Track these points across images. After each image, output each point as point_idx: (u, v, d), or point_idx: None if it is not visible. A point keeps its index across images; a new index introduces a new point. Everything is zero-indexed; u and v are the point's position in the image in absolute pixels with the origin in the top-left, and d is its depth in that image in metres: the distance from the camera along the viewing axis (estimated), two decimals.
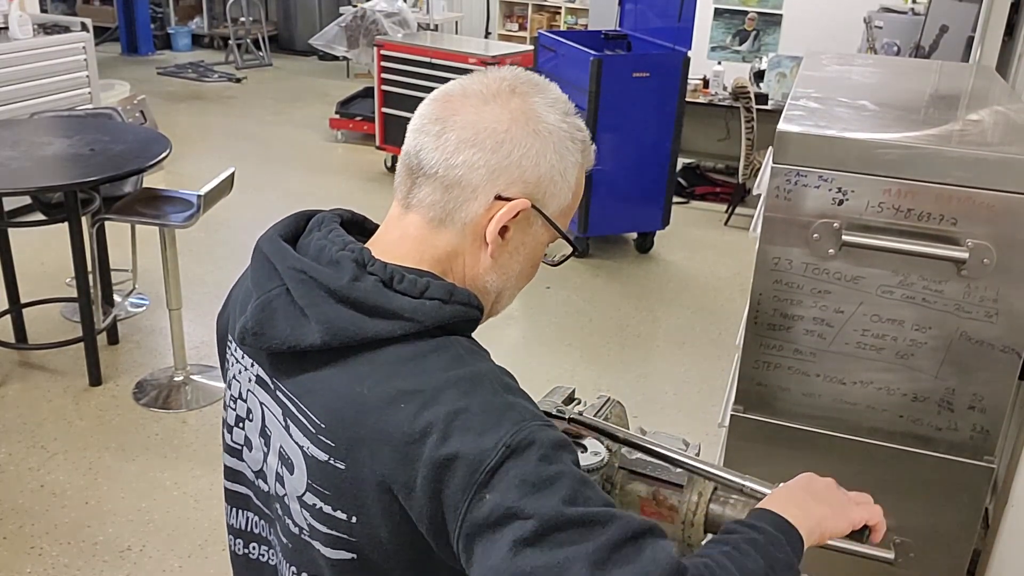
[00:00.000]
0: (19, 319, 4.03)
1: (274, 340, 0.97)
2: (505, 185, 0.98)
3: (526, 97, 1.00)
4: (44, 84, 5.22)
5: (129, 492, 3.16)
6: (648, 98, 5.03)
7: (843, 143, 1.81)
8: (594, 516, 0.84)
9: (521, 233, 1.02)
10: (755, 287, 1.95)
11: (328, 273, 0.96)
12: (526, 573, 0.81)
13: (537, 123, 0.99)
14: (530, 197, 0.99)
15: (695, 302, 4.85)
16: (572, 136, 1.02)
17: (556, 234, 1.04)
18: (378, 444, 0.90)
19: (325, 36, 7.53)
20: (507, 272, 1.04)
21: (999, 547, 2.17)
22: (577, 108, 1.07)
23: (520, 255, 1.04)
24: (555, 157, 1.00)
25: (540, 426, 0.89)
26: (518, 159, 0.98)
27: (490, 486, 0.85)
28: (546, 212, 1.01)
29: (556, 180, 1.00)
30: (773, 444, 2.05)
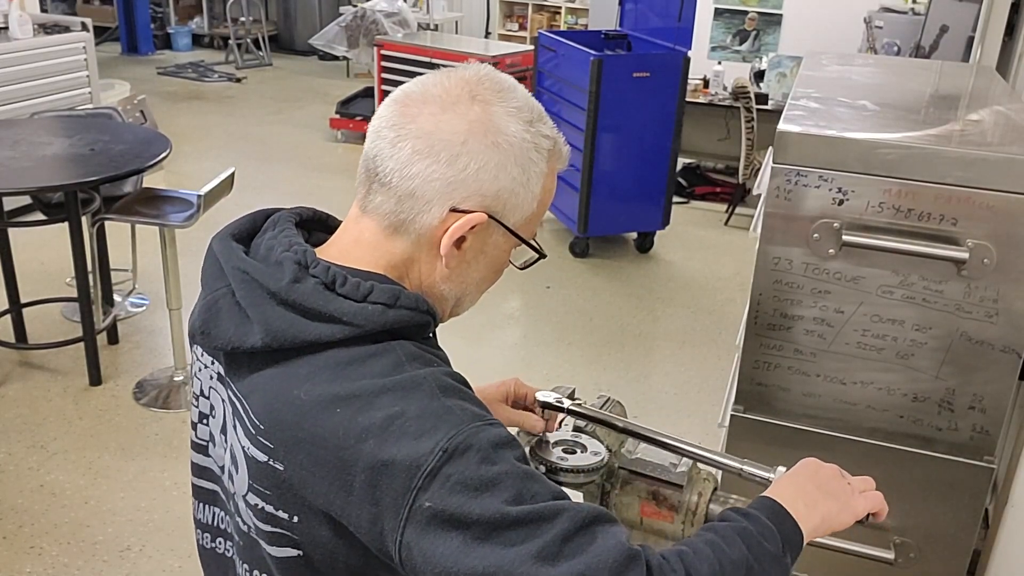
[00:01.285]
0: (19, 319, 4.03)
1: (219, 340, 0.97)
2: (461, 198, 0.96)
3: (487, 105, 0.96)
4: (44, 84, 5.22)
5: (129, 492, 3.16)
6: (648, 98, 5.03)
7: (843, 143, 1.81)
8: (540, 512, 0.84)
9: (480, 243, 1.00)
10: (755, 287, 1.95)
11: (270, 274, 0.95)
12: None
13: (497, 135, 0.96)
14: (488, 210, 0.97)
15: (695, 302, 4.85)
16: (537, 146, 0.98)
17: (518, 241, 1.02)
18: (315, 448, 0.89)
19: (325, 36, 7.54)
20: (464, 280, 1.03)
21: (999, 547, 2.17)
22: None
23: (480, 263, 1.02)
24: (516, 170, 0.97)
25: (479, 427, 0.88)
26: (475, 172, 0.95)
27: (429, 491, 0.84)
28: (507, 222, 0.99)
29: (517, 192, 0.98)
30: (773, 444, 2.05)
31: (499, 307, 4.67)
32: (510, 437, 0.90)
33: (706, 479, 1.31)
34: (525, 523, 0.84)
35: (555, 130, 1.02)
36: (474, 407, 0.91)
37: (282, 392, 0.93)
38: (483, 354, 4.16)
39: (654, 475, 1.29)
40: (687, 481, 1.28)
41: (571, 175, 5.21)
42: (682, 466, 1.29)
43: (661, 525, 1.29)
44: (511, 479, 0.85)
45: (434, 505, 0.84)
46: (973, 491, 1.95)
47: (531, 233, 1.03)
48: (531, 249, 1.04)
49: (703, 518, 1.28)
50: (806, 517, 1.05)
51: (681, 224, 5.77)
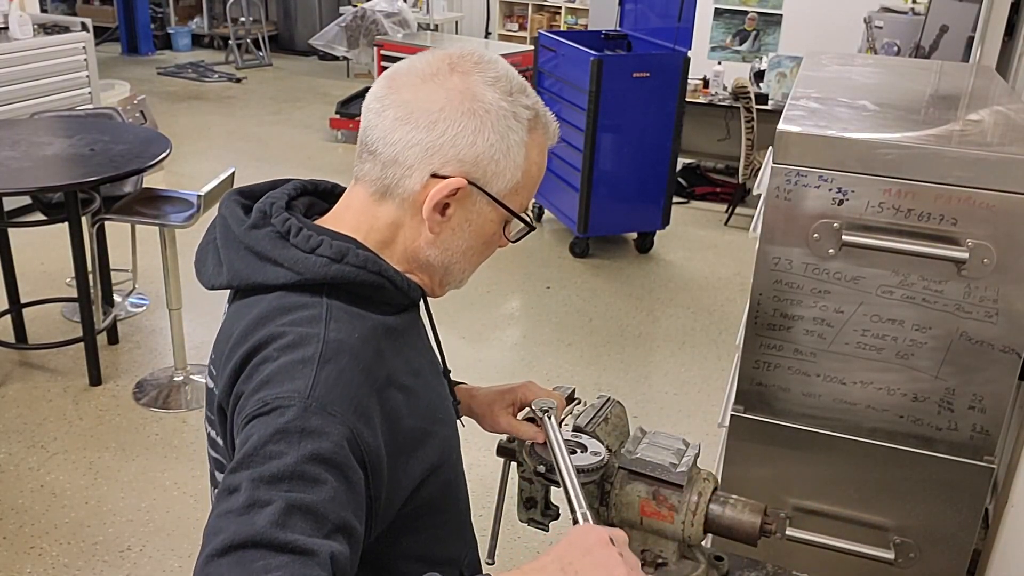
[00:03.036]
0: (19, 319, 4.03)
1: (203, 278, 1.08)
2: (440, 163, 1.00)
3: (465, 75, 1.01)
4: (44, 84, 5.22)
5: (129, 492, 3.16)
6: (648, 98, 5.03)
7: (843, 143, 1.81)
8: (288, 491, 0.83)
9: (464, 211, 1.04)
10: (755, 287, 1.95)
11: (240, 221, 1.04)
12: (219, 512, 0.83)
13: (473, 102, 1.00)
14: (467, 175, 1.01)
15: (695, 302, 4.85)
16: (515, 115, 1.02)
17: (506, 213, 1.05)
18: (230, 370, 0.98)
19: (325, 36, 7.54)
20: (450, 248, 1.06)
21: (999, 547, 2.17)
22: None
23: (465, 232, 1.05)
24: (494, 136, 1.01)
25: (314, 410, 0.89)
26: (452, 138, 0.99)
27: (244, 430, 0.90)
28: (489, 190, 1.03)
29: (497, 159, 1.01)
30: (773, 444, 2.05)
31: (499, 307, 4.67)
32: (322, 434, 0.87)
33: (706, 479, 1.31)
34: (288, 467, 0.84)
35: (539, 104, 1.07)
36: (339, 387, 0.92)
37: (229, 327, 1.03)
38: (483, 354, 4.16)
39: (654, 475, 1.29)
40: (687, 481, 1.28)
41: (571, 175, 5.21)
42: (682, 466, 1.29)
43: (661, 525, 1.29)
44: (280, 465, 0.84)
45: (239, 441, 0.90)
46: (973, 491, 1.95)
47: (520, 206, 1.06)
48: (518, 219, 1.07)
49: (703, 518, 1.27)
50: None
51: (681, 224, 5.77)
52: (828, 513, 2.07)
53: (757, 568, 1.46)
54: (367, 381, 0.95)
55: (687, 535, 1.28)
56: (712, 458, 2.27)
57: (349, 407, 0.91)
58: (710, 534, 1.30)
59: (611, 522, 1.34)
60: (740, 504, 1.28)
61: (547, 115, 1.08)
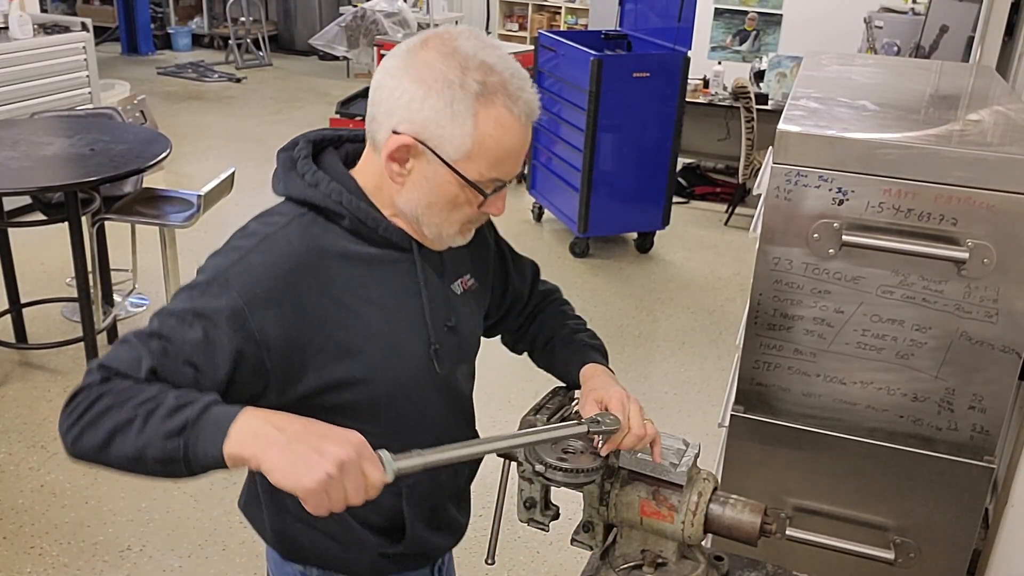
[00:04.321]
0: (19, 319, 4.03)
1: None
2: (398, 122, 1.17)
3: (427, 50, 1.17)
4: (44, 84, 5.22)
5: (129, 492, 3.16)
6: (648, 98, 5.03)
7: (843, 143, 1.81)
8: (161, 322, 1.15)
9: (422, 167, 1.20)
10: (755, 287, 1.95)
11: (282, 148, 1.32)
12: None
13: (426, 71, 1.15)
14: (417, 135, 1.17)
15: (695, 302, 4.85)
16: (462, 84, 1.14)
17: (460, 178, 1.18)
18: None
19: (325, 36, 7.54)
20: (413, 200, 1.23)
21: (999, 547, 2.17)
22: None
23: (425, 188, 1.21)
24: (440, 103, 1.15)
25: (219, 282, 1.15)
26: (406, 102, 1.16)
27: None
28: (440, 152, 1.17)
29: (443, 124, 1.15)
30: (773, 444, 2.05)
31: None
32: (211, 299, 1.14)
33: (706, 479, 1.31)
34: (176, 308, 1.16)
35: (497, 81, 1.16)
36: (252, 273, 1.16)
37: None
38: (482, 353, 4.15)
39: (654, 475, 1.29)
40: (687, 481, 1.28)
41: (571, 175, 5.21)
42: (682, 466, 1.29)
43: (661, 525, 1.29)
44: (171, 306, 1.16)
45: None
46: (973, 491, 1.95)
47: (478, 173, 1.19)
48: (471, 185, 1.19)
49: (703, 518, 1.27)
50: (241, 443, 1.04)
51: (681, 224, 5.77)
52: (828, 513, 2.07)
53: (757, 568, 1.46)
54: (286, 278, 1.17)
55: (687, 535, 1.28)
56: (712, 458, 2.27)
57: (252, 291, 1.15)
58: (710, 534, 1.30)
59: (611, 522, 1.35)
60: (740, 504, 1.28)
61: (508, 92, 1.16)
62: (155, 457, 1.06)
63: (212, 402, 1.08)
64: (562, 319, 1.55)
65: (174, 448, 1.05)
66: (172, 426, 1.05)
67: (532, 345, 1.57)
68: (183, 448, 1.05)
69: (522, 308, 1.57)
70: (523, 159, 1.25)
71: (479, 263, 1.45)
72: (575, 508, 1.40)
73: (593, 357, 1.44)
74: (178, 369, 1.12)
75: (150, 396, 1.08)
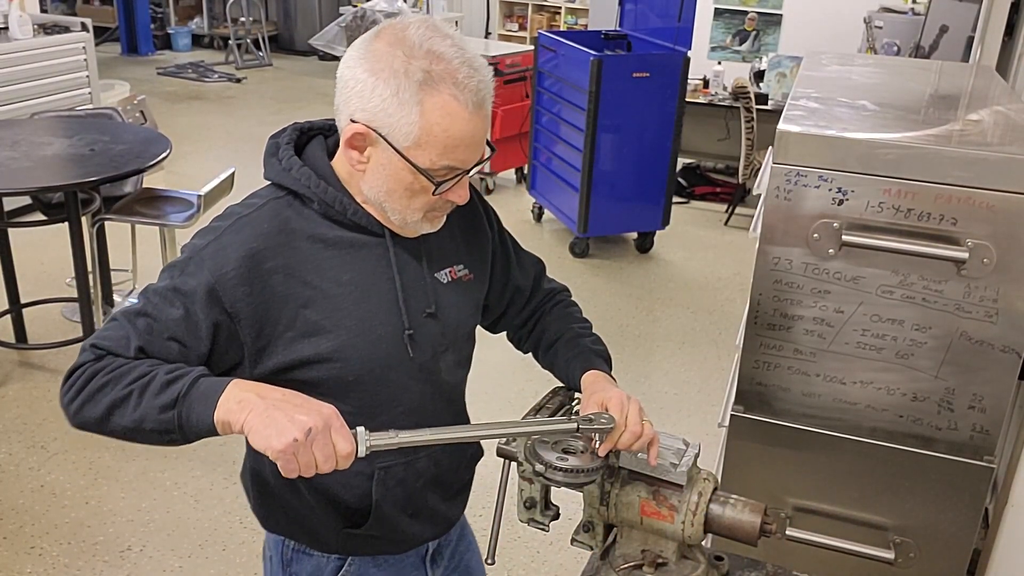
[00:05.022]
0: (19, 319, 4.03)
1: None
2: (353, 111, 1.22)
3: (378, 42, 1.21)
4: (44, 84, 5.22)
5: (129, 492, 3.16)
6: (648, 98, 5.03)
7: (843, 143, 1.81)
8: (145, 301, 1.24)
9: (378, 155, 1.23)
10: (755, 287, 1.95)
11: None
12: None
13: (375, 61, 1.19)
14: (369, 123, 1.21)
15: (695, 302, 4.85)
16: (406, 72, 1.17)
17: (411, 166, 1.21)
18: None
19: (325, 36, 7.54)
20: (375, 187, 1.26)
21: (999, 547, 2.18)
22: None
23: (383, 175, 1.25)
24: (387, 91, 1.18)
25: (195, 261, 1.23)
26: (358, 92, 1.20)
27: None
28: (391, 140, 1.20)
29: (391, 112, 1.19)
30: (773, 444, 2.05)
31: None
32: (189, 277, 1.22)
33: (706, 479, 1.31)
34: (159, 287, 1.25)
35: (443, 70, 1.18)
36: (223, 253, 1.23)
37: None
38: (483, 354, 4.15)
39: (654, 475, 1.29)
40: (687, 481, 1.28)
41: (571, 175, 5.21)
42: (682, 466, 1.29)
43: (661, 525, 1.29)
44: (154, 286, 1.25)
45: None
46: (973, 491, 1.95)
47: (428, 161, 1.21)
48: (419, 172, 1.22)
49: (703, 518, 1.27)
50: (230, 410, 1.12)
51: (681, 224, 5.77)
52: (828, 513, 2.07)
53: (757, 568, 1.46)
54: (254, 257, 1.23)
55: (687, 535, 1.28)
56: (712, 458, 2.27)
57: (223, 270, 1.22)
58: (710, 534, 1.30)
59: (611, 522, 1.35)
60: (740, 504, 1.28)
61: (455, 81, 1.18)
62: (152, 428, 1.15)
63: (200, 375, 1.16)
64: (567, 321, 1.55)
65: (169, 420, 1.14)
66: (165, 400, 1.14)
67: (536, 346, 1.57)
68: (177, 419, 1.14)
69: (524, 304, 1.57)
70: (480, 147, 1.26)
71: (476, 255, 1.46)
72: (575, 508, 1.40)
73: (596, 364, 1.44)
74: (163, 345, 1.21)
75: (143, 373, 1.17)
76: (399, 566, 1.49)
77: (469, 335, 1.48)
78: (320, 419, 1.09)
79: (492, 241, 1.50)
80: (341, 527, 1.41)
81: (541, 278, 1.59)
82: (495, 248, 1.51)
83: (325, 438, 1.09)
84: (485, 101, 1.22)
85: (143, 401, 1.15)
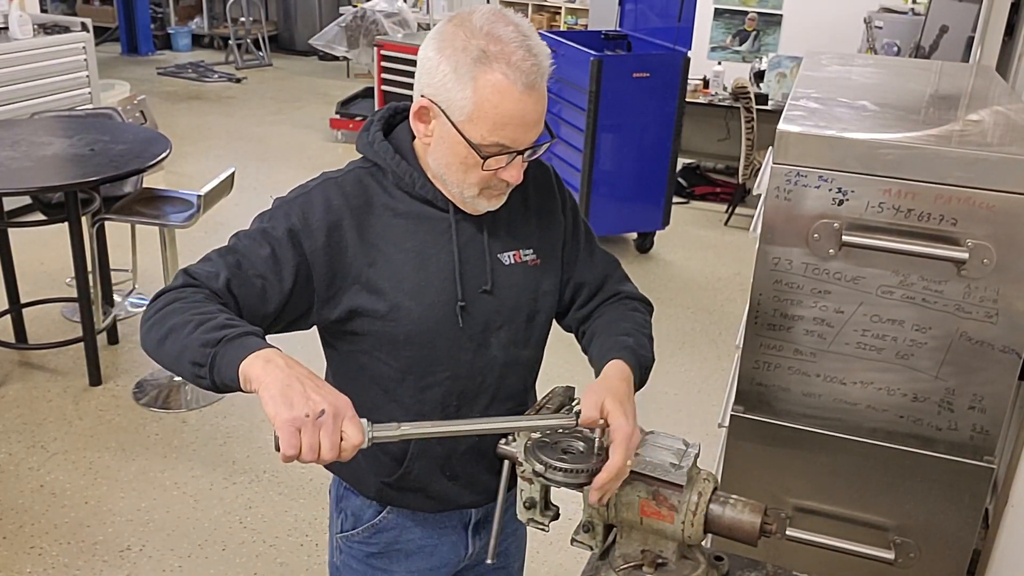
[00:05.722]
0: (19, 319, 4.03)
1: None
2: (422, 87, 1.32)
3: (448, 23, 1.30)
4: (44, 84, 5.22)
5: (129, 492, 3.16)
6: (648, 98, 5.03)
7: (843, 143, 1.81)
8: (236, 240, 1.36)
9: (440, 128, 1.32)
10: (755, 287, 1.95)
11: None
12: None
13: (441, 41, 1.28)
14: (432, 98, 1.30)
15: (695, 302, 4.85)
16: (465, 49, 1.25)
17: (464, 139, 1.28)
18: None
19: (325, 36, 7.54)
20: (438, 159, 1.35)
21: (999, 547, 2.17)
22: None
23: (443, 147, 1.33)
24: (447, 67, 1.27)
25: (283, 211, 1.37)
26: (428, 69, 1.29)
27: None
28: (449, 114, 1.28)
29: (449, 87, 1.27)
30: (773, 444, 2.05)
31: None
32: (276, 222, 1.35)
33: (706, 479, 1.31)
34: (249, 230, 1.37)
35: (498, 50, 1.24)
36: (305, 206, 1.37)
37: None
38: None
39: (654, 475, 1.29)
40: (687, 481, 1.28)
41: (571, 175, 5.21)
42: (682, 466, 1.28)
43: (661, 525, 1.29)
44: (248, 229, 1.37)
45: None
46: (973, 491, 1.95)
47: (479, 136, 1.28)
48: (469, 144, 1.29)
49: (703, 518, 1.27)
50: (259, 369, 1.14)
51: (681, 224, 5.77)
52: (828, 513, 2.07)
53: (757, 568, 1.46)
54: (334, 215, 1.36)
55: (687, 535, 1.28)
56: (712, 458, 2.27)
57: (306, 220, 1.34)
58: (710, 534, 1.30)
59: (611, 522, 1.35)
60: (740, 504, 1.28)
61: (508, 61, 1.25)
62: (190, 360, 1.19)
63: (252, 331, 1.20)
64: (619, 322, 1.52)
65: (204, 355, 1.17)
66: (211, 337, 1.18)
67: (588, 342, 1.54)
68: (211, 357, 1.17)
69: (586, 302, 1.57)
70: (534, 129, 1.31)
71: (545, 243, 1.50)
72: (575, 508, 1.40)
73: (622, 356, 1.43)
74: (250, 280, 1.31)
75: (209, 310, 1.23)
76: (438, 526, 1.56)
77: (530, 317, 1.48)
78: (333, 406, 1.11)
79: (565, 230, 1.53)
80: (379, 477, 1.50)
81: (610, 278, 1.59)
82: (567, 238, 1.54)
83: (335, 424, 1.11)
84: (537, 84, 1.27)
85: (196, 332, 1.19)
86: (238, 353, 1.15)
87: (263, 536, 2.99)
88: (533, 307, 1.49)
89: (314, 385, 1.12)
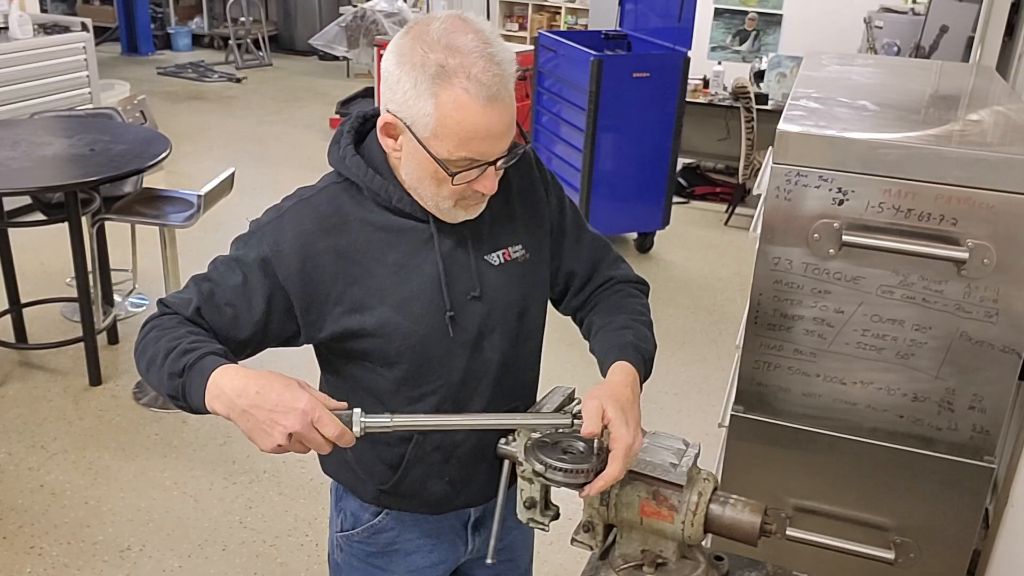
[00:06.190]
0: (19, 319, 4.03)
1: None
2: (386, 101, 1.28)
3: (407, 37, 1.25)
4: (44, 84, 5.22)
5: (129, 492, 3.16)
6: (648, 98, 5.03)
7: (843, 143, 1.81)
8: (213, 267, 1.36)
9: (407, 143, 1.28)
10: (755, 287, 1.95)
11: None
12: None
13: (400, 56, 1.24)
14: (397, 114, 1.26)
15: (695, 302, 4.85)
16: (423, 65, 1.21)
17: (430, 155, 1.26)
18: None
19: (325, 36, 7.53)
20: (410, 174, 1.32)
21: (999, 547, 2.18)
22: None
23: (412, 163, 1.30)
24: (408, 83, 1.23)
25: (257, 236, 1.34)
26: (391, 84, 1.26)
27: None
28: (413, 129, 1.25)
29: (411, 103, 1.23)
30: (773, 444, 2.05)
31: None
32: (250, 249, 1.33)
33: (706, 479, 1.31)
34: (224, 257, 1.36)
35: (457, 64, 1.20)
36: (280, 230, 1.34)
37: None
38: None
39: (654, 475, 1.29)
40: (687, 481, 1.28)
41: (571, 175, 5.21)
42: (682, 466, 1.29)
43: (661, 525, 1.29)
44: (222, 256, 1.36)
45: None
46: (973, 491, 1.95)
47: (446, 151, 1.25)
48: (436, 161, 1.26)
49: (703, 518, 1.27)
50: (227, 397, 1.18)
51: (681, 224, 5.77)
52: (828, 513, 2.07)
53: (757, 568, 1.46)
54: (308, 237, 1.33)
55: (687, 535, 1.28)
56: (712, 458, 2.27)
57: (279, 245, 1.32)
58: (710, 534, 1.30)
59: (611, 522, 1.35)
60: (740, 504, 1.28)
61: (468, 74, 1.20)
62: (168, 393, 1.24)
63: (209, 352, 1.22)
64: (616, 312, 1.51)
65: (175, 388, 1.22)
66: (176, 367, 1.21)
67: (588, 334, 1.54)
68: (181, 389, 1.22)
69: (580, 290, 1.56)
70: (503, 138, 1.27)
71: (533, 235, 1.47)
72: (575, 508, 1.40)
73: (625, 356, 1.42)
74: (220, 309, 1.31)
75: (177, 335, 1.26)
76: (437, 527, 1.56)
77: (521, 314, 1.47)
78: (296, 418, 1.14)
79: (550, 212, 1.50)
80: (376, 484, 1.50)
81: (602, 263, 1.57)
82: (553, 220, 1.51)
83: (309, 433, 1.15)
84: (500, 94, 1.22)
85: (166, 364, 1.22)
86: (200, 383, 1.19)
87: (263, 536, 2.99)
88: (523, 304, 1.47)
89: (268, 408, 1.15)
